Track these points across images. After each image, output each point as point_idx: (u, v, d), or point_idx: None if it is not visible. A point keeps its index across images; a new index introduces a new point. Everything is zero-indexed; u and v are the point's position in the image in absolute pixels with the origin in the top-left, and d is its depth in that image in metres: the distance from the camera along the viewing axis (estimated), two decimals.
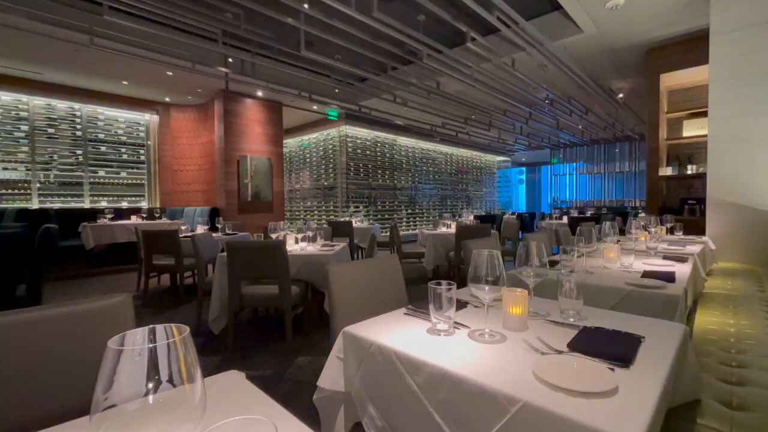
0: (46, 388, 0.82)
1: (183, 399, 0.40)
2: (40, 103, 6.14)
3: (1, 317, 0.79)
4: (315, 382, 1.13)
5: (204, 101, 7.27)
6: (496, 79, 5.60)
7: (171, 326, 0.42)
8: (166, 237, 3.69)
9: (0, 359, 0.77)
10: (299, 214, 9.99)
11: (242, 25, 4.07)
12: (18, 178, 6.01)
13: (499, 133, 9.74)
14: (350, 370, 1.09)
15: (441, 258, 4.51)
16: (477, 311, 1.24)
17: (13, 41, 4.60)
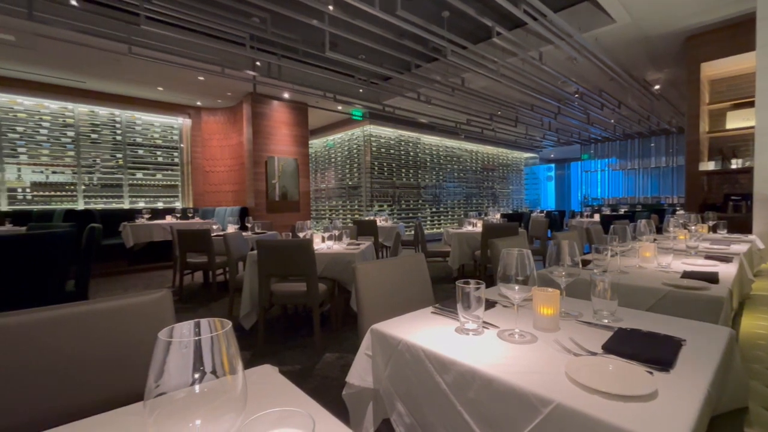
0: (96, 376, 0.88)
1: (226, 389, 0.42)
2: (84, 110, 6.53)
3: (55, 311, 0.85)
4: (343, 378, 1.15)
5: (233, 104, 7.51)
6: (522, 73, 5.46)
7: (214, 320, 0.44)
8: (199, 236, 3.84)
9: (55, 349, 0.83)
10: (325, 213, 10.13)
11: (269, 29, 4.17)
12: (65, 181, 6.43)
13: (527, 129, 9.51)
14: (378, 367, 1.10)
15: (467, 257, 4.46)
16: (506, 311, 1.22)
17: (59, 53, 4.91)
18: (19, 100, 5.98)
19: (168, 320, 0.99)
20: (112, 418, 0.65)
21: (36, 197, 6.18)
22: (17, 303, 1.93)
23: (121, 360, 0.90)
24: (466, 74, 5.87)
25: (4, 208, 5.82)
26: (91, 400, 0.83)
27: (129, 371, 0.90)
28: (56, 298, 2.17)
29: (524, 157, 13.91)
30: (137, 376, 0.91)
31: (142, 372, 0.95)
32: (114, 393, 0.86)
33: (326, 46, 4.29)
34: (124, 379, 0.89)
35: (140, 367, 0.91)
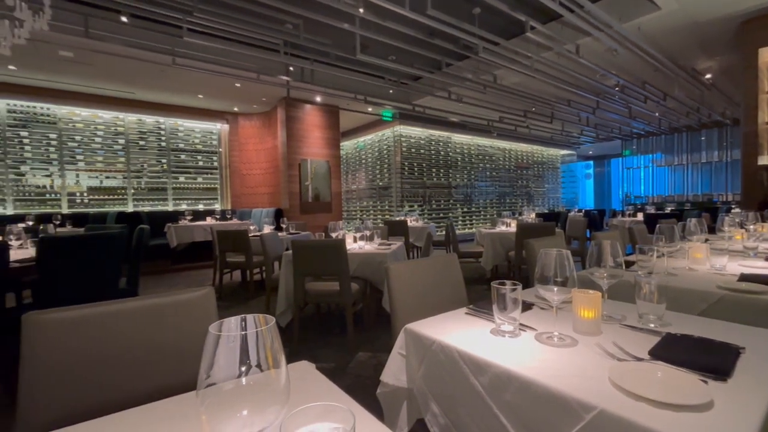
0: (149, 367, 0.94)
1: (270, 382, 0.44)
2: (132, 119, 7.00)
3: (114, 305, 0.92)
4: (376, 377, 1.17)
5: (268, 109, 7.76)
6: (558, 68, 5.27)
7: (259, 316, 0.46)
8: (237, 236, 4.00)
9: (114, 341, 0.90)
10: (356, 213, 10.24)
11: (301, 35, 4.27)
12: (117, 185, 6.92)
13: (563, 125, 9.16)
14: (412, 366, 1.10)
15: (500, 257, 4.37)
16: (543, 313, 1.19)
17: (112, 67, 5.29)
18: (77, 111, 6.50)
19: (212, 316, 1.05)
20: (166, 407, 0.70)
21: (92, 200, 6.69)
22: (80, 298, 2.10)
23: (171, 352, 0.96)
24: (498, 71, 5.74)
25: (65, 210, 6.34)
26: (145, 389, 0.89)
27: (178, 363, 0.95)
28: (111, 294, 2.33)
29: (560, 155, 13.40)
30: (185, 368, 0.97)
31: (190, 363, 1.01)
32: (165, 383, 0.92)
33: (357, 48, 4.34)
34: (174, 369, 0.94)
35: (187, 358, 0.97)
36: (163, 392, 0.81)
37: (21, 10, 2.63)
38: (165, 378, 0.93)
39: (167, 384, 0.91)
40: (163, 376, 0.93)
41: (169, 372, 0.94)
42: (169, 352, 0.96)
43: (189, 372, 0.97)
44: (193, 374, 0.98)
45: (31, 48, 3.67)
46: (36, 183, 6.27)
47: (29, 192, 6.22)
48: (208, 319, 1.03)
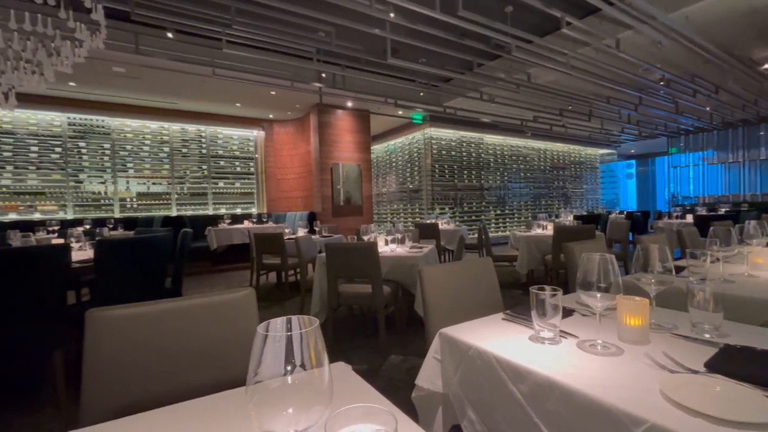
0: (195, 363, 0.99)
1: (314, 382, 0.46)
2: (176, 128, 7.43)
3: (162, 305, 0.98)
4: (409, 381, 1.17)
5: (301, 115, 7.97)
6: (596, 64, 5.05)
7: (303, 318, 0.48)
8: (273, 239, 4.13)
9: (163, 338, 0.95)
10: (386, 216, 10.28)
11: (333, 42, 4.36)
12: (162, 191, 7.36)
13: (602, 123, 8.75)
14: (448, 371, 1.09)
15: (536, 262, 4.23)
16: (585, 320, 1.14)
17: (158, 80, 5.64)
18: (128, 122, 6.99)
19: (252, 315, 1.09)
20: (213, 402, 0.73)
21: (140, 205, 7.15)
22: (131, 296, 2.25)
23: (216, 349, 1.01)
24: (532, 69, 5.59)
25: (117, 215, 6.81)
26: (193, 384, 0.94)
27: (222, 359, 1.00)
28: (158, 293, 2.48)
29: (599, 154, 12.81)
30: (229, 364, 1.01)
31: (233, 360, 1.05)
32: (211, 378, 0.96)
33: (387, 53, 4.37)
34: (219, 366, 0.99)
35: (231, 356, 1.02)
36: (209, 388, 0.85)
37: (81, 31, 2.87)
38: (211, 374, 0.98)
39: (213, 380, 0.96)
40: (209, 372, 0.98)
41: (214, 368, 0.99)
42: (214, 350, 1.01)
43: (233, 369, 1.01)
44: (236, 371, 1.03)
45: (89, 65, 3.99)
46: (92, 189, 6.78)
47: (86, 198, 6.74)
48: (249, 319, 1.08)
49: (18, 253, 1.82)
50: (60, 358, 1.98)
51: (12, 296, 1.78)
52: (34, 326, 1.87)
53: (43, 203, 6.39)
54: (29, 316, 1.85)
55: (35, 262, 1.83)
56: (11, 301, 1.78)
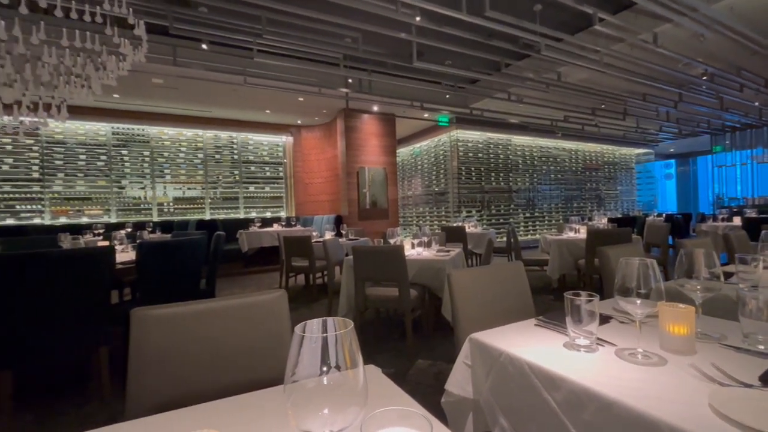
0: (231, 361, 1.02)
1: (349, 384, 0.47)
2: (209, 135, 7.74)
3: (200, 305, 1.03)
4: (436, 386, 1.16)
5: (328, 120, 8.11)
6: (632, 60, 4.84)
7: (338, 320, 0.49)
8: (301, 242, 4.22)
9: (202, 336, 0.99)
10: (412, 219, 10.25)
11: (360, 47, 4.42)
12: (196, 195, 7.69)
13: (638, 122, 8.36)
14: (478, 377, 1.08)
15: (568, 266, 4.09)
16: (623, 327, 1.10)
17: (193, 89, 5.90)
18: (165, 130, 7.36)
19: (284, 316, 1.11)
20: (249, 401, 0.76)
21: (176, 209, 7.49)
22: (169, 296, 2.36)
23: (249, 348, 1.04)
24: (562, 68, 5.43)
25: (155, 218, 7.16)
26: (228, 382, 0.97)
27: (255, 359, 1.03)
28: (194, 294, 2.59)
29: (635, 154, 12.24)
30: (262, 363, 1.04)
31: (265, 360, 1.08)
32: (245, 377, 0.99)
33: (413, 56, 4.38)
34: (252, 365, 1.02)
35: (264, 355, 1.04)
36: (243, 386, 0.88)
37: (125, 46, 3.05)
38: (244, 373, 1.01)
39: (246, 378, 0.99)
40: (243, 371, 1.01)
41: (248, 367, 1.02)
42: (248, 349, 1.04)
43: (265, 368, 1.04)
44: (268, 370, 1.06)
45: (131, 78, 4.23)
46: (133, 195, 7.17)
47: (128, 202, 7.13)
48: (281, 320, 1.10)
49: (70, 254, 1.96)
50: (105, 354, 2.10)
51: (64, 295, 1.91)
52: (83, 323, 1.99)
53: (89, 208, 6.82)
54: (79, 313, 1.97)
55: (85, 263, 1.95)
56: (63, 299, 1.91)
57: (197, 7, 4.03)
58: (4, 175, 6.25)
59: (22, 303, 1.81)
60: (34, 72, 3.00)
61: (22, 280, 1.80)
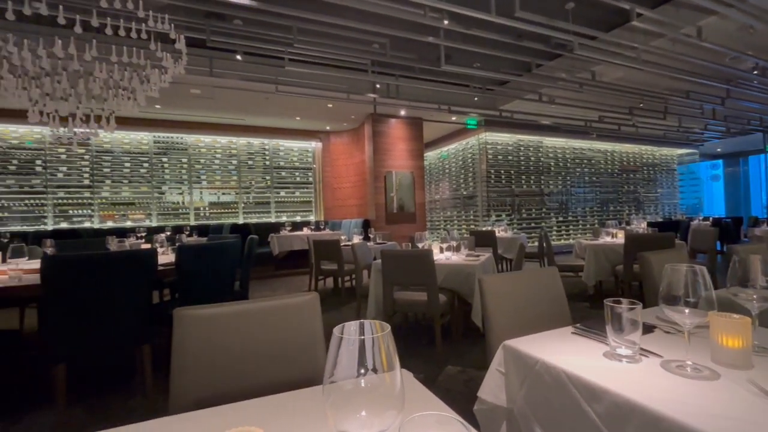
0: (266, 361, 1.05)
1: (386, 386, 0.47)
2: (243, 142, 8.04)
3: (239, 306, 1.06)
4: (467, 393, 1.14)
5: (356, 126, 8.22)
6: (673, 56, 4.60)
7: (375, 323, 0.50)
8: (330, 246, 4.28)
9: (239, 337, 1.03)
10: (439, 223, 10.16)
11: (388, 53, 4.46)
12: (230, 200, 8.00)
13: (680, 121, 7.92)
14: (512, 385, 1.05)
15: (605, 272, 3.91)
16: (669, 338, 1.04)
17: (228, 98, 6.16)
18: (202, 138, 7.71)
19: (317, 318, 1.13)
20: (285, 400, 0.78)
21: (211, 214, 7.81)
22: (207, 297, 2.46)
23: (283, 349, 1.06)
24: (597, 67, 5.25)
25: (192, 222, 7.50)
26: (264, 381, 1.00)
27: (289, 359, 1.05)
28: (229, 296, 2.68)
29: (677, 154, 11.58)
30: (295, 364, 1.06)
31: (299, 361, 1.10)
32: (277, 377, 1.02)
33: (441, 60, 4.37)
34: (286, 365, 1.05)
35: (297, 356, 1.06)
36: (278, 385, 0.90)
37: (166, 59, 3.23)
38: (279, 372, 1.03)
39: (279, 378, 1.01)
40: (278, 371, 1.04)
41: (282, 367, 1.04)
42: (282, 349, 1.06)
43: (299, 368, 1.06)
44: (302, 371, 1.08)
45: (171, 89, 4.47)
46: (172, 200, 7.55)
47: (167, 207, 7.51)
48: (314, 321, 1.12)
49: (122, 256, 2.08)
50: (148, 351, 2.21)
51: (113, 294, 2.03)
52: (130, 322, 2.11)
53: (133, 212, 7.24)
54: (126, 312, 2.09)
55: (133, 265, 2.08)
56: (113, 298, 2.03)
57: (232, 20, 4.21)
58: (59, 182, 6.76)
59: (77, 301, 1.95)
60: (87, 86, 3.24)
61: (80, 280, 1.93)
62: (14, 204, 6.49)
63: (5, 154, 6.44)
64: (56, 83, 3.18)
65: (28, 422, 1.99)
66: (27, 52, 2.76)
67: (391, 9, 3.48)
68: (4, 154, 6.44)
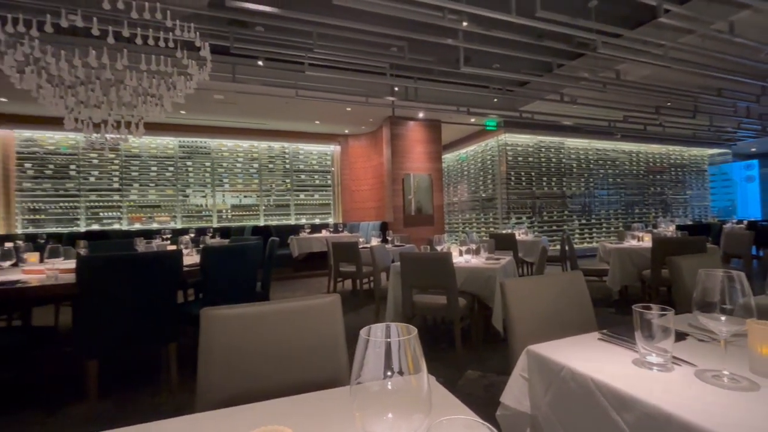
0: (289, 362, 1.07)
1: (412, 390, 0.47)
2: (264, 146, 8.22)
3: (262, 306, 1.08)
4: (487, 398, 1.13)
5: (374, 129, 8.26)
6: (703, 53, 4.43)
7: (401, 326, 0.50)
8: (349, 248, 4.31)
9: (262, 337, 1.05)
10: (458, 226, 10.08)
11: (406, 56, 4.46)
12: (252, 203, 8.17)
13: (711, 120, 7.60)
14: (536, 392, 1.03)
15: (631, 277, 3.79)
16: (702, 346, 1.00)
17: (249, 104, 6.30)
18: (224, 142, 7.92)
19: (338, 320, 1.14)
20: (309, 400, 0.79)
21: (233, 216, 7.99)
22: (229, 297, 2.52)
23: (305, 350, 1.08)
24: (621, 65, 5.10)
25: (215, 224, 7.69)
26: (287, 381, 1.01)
27: (311, 360, 1.07)
28: (251, 296, 2.74)
29: (708, 154, 11.11)
30: (317, 365, 1.08)
31: (321, 361, 1.11)
32: (299, 378, 1.03)
33: (460, 62, 4.34)
34: (308, 366, 1.06)
35: (319, 356, 1.08)
36: (302, 386, 0.91)
37: (192, 67, 3.34)
38: (303, 373, 1.05)
39: (305, 378, 1.03)
40: (301, 371, 1.05)
41: (305, 367, 1.06)
42: (304, 350, 1.08)
43: (322, 369, 1.07)
44: (325, 371, 1.09)
45: (196, 95, 4.61)
46: (196, 202, 7.77)
47: (191, 209, 7.73)
48: (336, 323, 1.13)
49: (147, 257, 2.16)
50: (174, 349, 2.28)
51: (140, 293, 2.11)
52: (157, 320, 2.18)
53: (159, 214, 7.49)
54: (154, 310, 2.16)
55: (160, 265, 2.15)
56: (140, 297, 2.11)
57: (254, 27, 4.32)
58: (91, 186, 7.06)
59: (109, 300, 2.03)
60: (118, 94, 3.38)
61: (112, 280, 2.01)
62: (50, 207, 6.82)
63: (43, 159, 6.79)
64: (90, 91, 3.34)
65: (62, 415, 2.08)
66: (64, 63, 2.91)
67: (409, 12, 3.49)
68: (42, 160, 6.79)
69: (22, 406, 2.18)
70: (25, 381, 2.47)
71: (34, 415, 2.08)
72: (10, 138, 6.61)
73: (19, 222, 6.67)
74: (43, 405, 2.18)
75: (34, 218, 6.75)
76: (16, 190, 6.65)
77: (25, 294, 1.99)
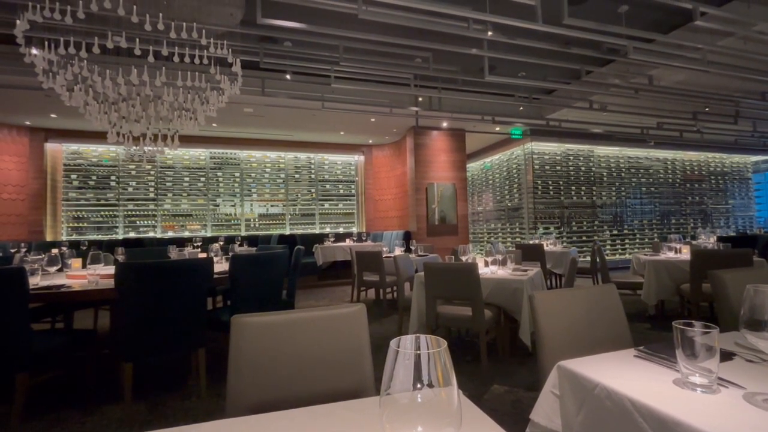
0: (314, 371, 1.08)
1: (442, 403, 0.47)
2: (290, 156, 8.44)
3: (290, 315, 1.10)
4: (515, 414, 1.10)
5: (398, 139, 8.32)
6: (744, 55, 4.22)
7: (431, 338, 0.50)
8: (372, 257, 4.32)
9: (291, 344, 1.06)
10: (482, 236, 9.92)
11: (431, 66, 4.49)
12: (278, 212, 8.38)
13: (755, 125, 7.19)
14: (568, 409, 0.99)
15: (668, 291, 3.60)
16: (752, 367, 0.93)
17: (277, 116, 6.50)
18: (253, 154, 8.19)
19: (364, 329, 1.15)
20: (337, 410, 0.79)
21: (260, 225, 8.20)
22: (256, 305, 2.57)
23: (332, 359, 1.08)
24: (654, 71, 4.93)
25: (243, 233, 7.91)
26: (315, 390, 1.02)
27: (337, 369, 1.07)
28: (277, 304, 2.79)
29: (751, 162, 10.48)
30: (343, 374, 1.08)
31: (347, 371, 1.11)
32: (325, 387, 1.04)
33: (485, 71, 4.33)
34: (334, 375, 1.06)
35: (344, 366, 1.08)
36: (329, 395, 0.92)
37: (224, 82, 3.49)
38: (329, 382, 1.05)
39: (332, 387, 1.03)
40: (328, 380, 1.06)
41: (332, 377, 1.06)
42: (331, 359, 1.08)
43: (348, 379, 1.07)
44: (351, 382, 1.09)
45: (227, 109, 4.81)
46: (225, 212, 8.04)
47: (221, 218, 8.00)
48: (361, 332, 1.14)
49: (181, 264, 2.25)
50: (203, 355, 2.35)
51: (174, 299, 2.19)
52: (189, 325, 2.26)
53: (190, 223, 7.79)
54: (186, 316, 2.24)
55: (193, 272, 2.23)
56: (173, 303, 2.19)
57: (283, 43, 4.48)
58: (129, 196, 7.46)
59: (145, 305, 2.12)
60: (156, 109, 3.57)
61: (149, 286, 2.11)
62: (92, 215, 7.24)
63: (87, 171, 7.25)
64: (131, 107, 3.55)
65: (100, 416, 2.17)
66: (108, 81, 3.11)
67: (434, 24, 3.52)
68: (86, 171, 7.24)
69: (63, 405, 2.30)
70: (66, 382, 2.61)
71: (74, 415, 2.18)
72: (59, 151, 7.11)
73: (64, 229, 7.11)
74: (82, 405, 2.28)
75: (77, 226, 7.18)
76: (62, 200, 7.11)
77: (69, 298, 2.11)
